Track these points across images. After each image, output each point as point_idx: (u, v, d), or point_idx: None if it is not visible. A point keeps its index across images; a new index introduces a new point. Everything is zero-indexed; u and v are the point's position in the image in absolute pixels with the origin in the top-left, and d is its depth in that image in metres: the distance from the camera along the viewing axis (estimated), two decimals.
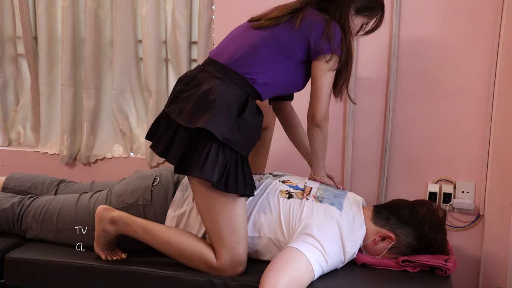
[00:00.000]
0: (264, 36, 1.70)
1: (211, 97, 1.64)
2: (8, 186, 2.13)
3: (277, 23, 1.71)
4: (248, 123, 1.67)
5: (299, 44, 1.69)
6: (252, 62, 1.69)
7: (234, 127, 1.63)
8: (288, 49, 1.70)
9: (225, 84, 1.67)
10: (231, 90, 1.67)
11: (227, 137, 1.61)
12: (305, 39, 1.68)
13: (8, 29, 2.73)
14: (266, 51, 1.69)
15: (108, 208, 1.76)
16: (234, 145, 1.63)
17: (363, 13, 1.77)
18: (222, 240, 1.65)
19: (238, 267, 1.66)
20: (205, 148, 1.61)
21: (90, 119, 2.60)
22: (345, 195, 1.86)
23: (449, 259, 1.74)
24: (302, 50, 1.70)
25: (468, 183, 2.20)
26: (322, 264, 1.60)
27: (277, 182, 1.86)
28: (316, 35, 1.67)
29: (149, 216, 1.83)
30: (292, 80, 1.77)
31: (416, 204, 1.83)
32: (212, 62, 1.73)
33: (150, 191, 1.86)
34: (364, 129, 2.29)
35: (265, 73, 1.69)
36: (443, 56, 2.17)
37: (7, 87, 2.79)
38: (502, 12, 2.07)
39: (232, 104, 1.65)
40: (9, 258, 1.79)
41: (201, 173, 1.60)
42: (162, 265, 1.73)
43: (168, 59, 2.55)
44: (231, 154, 1.64)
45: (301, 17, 1.69)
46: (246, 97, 1.68)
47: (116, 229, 1.73)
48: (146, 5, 2.44)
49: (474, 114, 2.17)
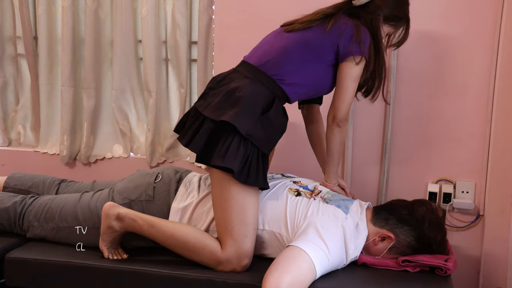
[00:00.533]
0: (295, 38, 1.79)
1: (238, 94, 1.72)
2: (9, 185, 2.13)
3: (309, 26, 1.79)
4: (272, 122, 1.74)
5: (329, 46, 1.76)
6: (282, 64, 1.77)
7: (258, 124, 1.70)
8: (318, 52, 1.77)
9: (253, 84, 1.75)
10: (258, 89, 1.74)
11: (250, 133, 1.68)
12: (335, 42, 1.76)
13: (8, 29, 2.73)
14: (296, 52, 1.77)
15: (114, 204, 1.77)
16: (256, 141, 1.69)
17: (389, 23, 1.84)
18: (230, 231, 1.68)
19: (244, 260, 1.68)
20: (227, 140, 1.68)
21: (90, 119, 2.60)
22: (353, 201, 1.86)
23: (449, 259, 1.74)
24: (331, 53, 1.77)
25: (468, 183, 2.20)
26: (324, 264, 1.60)
27: (288, 181, 1.89)
28: (345, 38, 1.75)
29: (152, 212, 1.84)
30: (320, 82, 1.82)
31: (415, 204, 1.83)
32: (244, 64, 1.83)
33: (152, 188, 1.87)
34: (364, 129, 2.29)
35: (294, 74, 1.77)
36: (443, 56, 2.17)
37: (7, 87, 2.79)
38: (502, 12, 2.07)
39: (258, 102, 1.72)
40: (9, 258, 1.79)
41: (223, 161, 1.66)
42: (162, 265, 1.73)
43: (168, 59, 2.55)
44: (252, 149, 1.69)
45: (333, 21, 1.77)
46: (272, 97, 1.75)
47: (122, 225, 1.75)
48: (146, 5, 2.44)
49: (474, 114, 2.17)
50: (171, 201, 1.85)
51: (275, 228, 1.74)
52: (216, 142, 1.70)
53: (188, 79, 2.51)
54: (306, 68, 1.78)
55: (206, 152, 1.72)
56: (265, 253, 1.78)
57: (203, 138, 1.72)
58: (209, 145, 1.71)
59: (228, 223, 1.68)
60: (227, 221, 1.69)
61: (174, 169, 1.98)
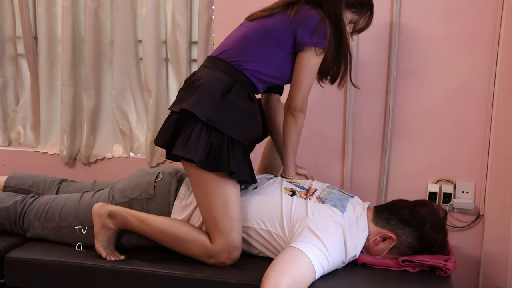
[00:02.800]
0: (255, 26, 1.79)
1: (197, 83, 1.74)
2: (10, 185, 2.13)
3: (270, 14, 1.78)
4: (233, 104, 1.71)
5: (289, 34, 1.75)
6: (241, 51, 1.76)
7: (218, 107, 1.68)
8: (278, 39, 1.75)
9: (212, 71, 1.76)
10: (217, 75, 1.74)
11: (211, 118, 1.66)
12: (294, 30, 1.74)
13: (8, 29, 2.73)
14: (256, 40, 1.76)
15: (104, 204, 1.80)
16: (219, 125, 1.67)
17: (352, 9, 1.83)
18: (216, 225, 1.69)
19: (233, 252, 1.70)
20: (189, 128, 1.68)
21: (90, 119, 2.60)
22: (349, 199, 1.86)
23: (449, 259, 1.74)
24: (290, 41, 1.75)
25: (468, 183, 2.20)
26: (323, 265, 1.60)
27: (284, 181, 1.89)
28: (306, 27, 1.73)
29: (152, 210, 1.84)
30: (280, 71, 1.81)
31: (416, 204, 1.83)
32: (208, 58, 1.84)
33: (153, 186, 1.87)
34: (364, 129, 2.29)
35: (253, 61, 1.75)
36: (443, 56, 2.17)
37: (7, 87, 2.79)
38: (502, 12, 2.07)
39: (217, 87, 1.71)
40: (9, 258, 1.79)
41: (185, 151, 1.66)
42: (162, 265, 1.73)
43: (168, 59, 2.55)
44: (216, 135, 1.68)
45: (296, 8, 1.75)
46: (233, 81, 1.73)
47: (115, 223, 1.76)
48: (146, 5, 2.44)
49: (474, 114, 2.17)
50: (172, 200, 1.85)
51: (272, 228, 1.74)
52: (179, 132, 1.71)
53: None
54: (265, 56, 1.76)
55: (172, 145, 1.72)
56: (261, 251, 1.78)
57: (168, 131, 1.73)
58: (175, 137, 1.72)
59: (213, 218, 1.70)
60: (212, 216, 1.70)
61: (175, 169, 1.98)
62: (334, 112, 2.31)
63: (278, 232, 1.73)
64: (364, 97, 2.27)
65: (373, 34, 2.21)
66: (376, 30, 2.20)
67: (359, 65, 2.25)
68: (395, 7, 2.17)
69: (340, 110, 2.30)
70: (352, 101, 2.27)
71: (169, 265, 1.72)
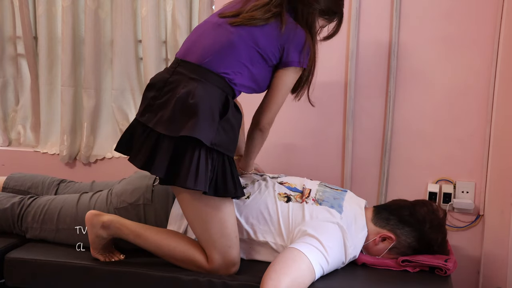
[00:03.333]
0: (242, 35, 1.63)
1: (191, 101, 1.56)
2: (9, 186, 2.12)
3: (257, 24, 1.64)
4: (232, 123, 1.63)
5: (276, 49, 1.66)
6: (229, 61, 1.62)
7: (219, 130, 1.58)
8: (265, 53, 1.65)
9: (203, 86, 1.59)
10: (210, 91, 1.59)
11: (214, 141, 1.56)
12: (282, 46, 1.66)
13: (8, 29, 2.73)
14: (244, 51, 1.63)
15: (97, 213, 1.73)
16: (222, 148, 1.59)
17: (324, 16, 1.76)
18: (214, 245, 1.65)
19: (231, 268, 1.67)
20: (193, 156, 1.55)
21: (90, 119, 2.60)
22: (344, 196, 1.85)
23: (449, 259, 1.74)
24: (277, 56, 1.67)
25: (468, 183, 2.20)
26: (323, 265, 1.60)
27: (275, 184, 1.85)
28: (292, 45, 1.65)
29: (150, 215, 1.83)
30: (261, 83, 1.73)
31: (416, 204, 1.83)
32: (183, 63, 1.65)
33: (150, 191, 1.86)
34: (364, 129, 2.29)
35: (242, 73, 1.64)
36: (443, 56, 2.17)
37: (7, 87, 2.79)
38: (502, 12, 2.07)
39: (214, 106, 1.58)
40: (9, 258, 1.78)
41: (196, 183, 1.54)
42: (162, 265, 1.72)
43: (168, 59, 2.55)
44: (218, 158, 1.59)
45: (284, 23, 1.64)
46: (225, 96, 1.62)
47: (109, 233, 1.72)
48: (146, 5, 2.44)
49: (474, 114, 2.16)
50: (170, 205, 1.84)
51: (269, 239, 1.74)
52: (181, 160, 1.56)
53: None
54: (252, 68, 1.65)
55: (170, 172, 1.57)
56: (259, 259, 1.78)
57: (165, 159, 1.56)
58: (173, 165, 1.57)
59: (210, 238, 1.64)
60: (209, 237, 1.65)
61: None
62: (334, 112, 2.31)
63: (277, 241, 1.73)
64: (364, 97, 2.27)
65: (373, 34, 2.22)
66: (376, 30, 2.21)
67: (359, 65, 2.25)
68: (395, 7, 2.17)
69: (340, 110, 2.30)
70: (352, 101, 2.26)
71: (169, 266, 1.72)
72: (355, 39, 2.22)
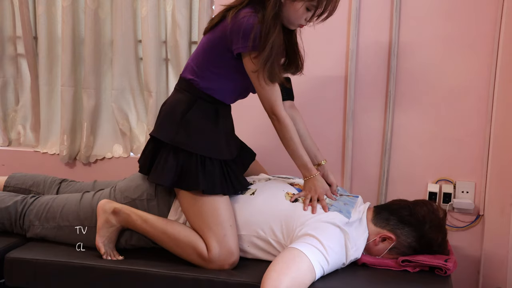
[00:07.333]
0: (203, 41, 1.78)
1: (162, 108, 1.85)
2: (10, 185, 2.13)
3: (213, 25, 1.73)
4: (193, 123, 1.74)
5: (224, 43, 1.69)
6: (193, 66, 1.78)
7: (180, 129, 1.74)
8: (218, 49, 1.71)
9: (175, 92, 1.83)
10: (178, 96, 1.80)
11: (175, 139, 1.73)
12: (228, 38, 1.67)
13: (8, 29, 2.73)
14: (203, 54, 1.75)
15: (110, 201, 1.83)
16: (184, 145, 1.73)
17: None
18: (209, 234, 1.71)
19: (230, 258, 1.71)
20: (160, 154, 1.77)
21: (90, 119, 2.60)
22: (354, 203, 1.85)
23: (449, 259, 1.74)
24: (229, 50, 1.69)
25: (468, 183, 2.20)
26: (323, 266, 1.60)
27: (285, 184, 1.87)
28: (235, 32, 1.65)
29: (153, 210, 1.85)
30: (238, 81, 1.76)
31: (416, 204, 1.83)
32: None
33: (154, 186, 1.87)
34: (364, 129, 2.29)
35: (204, 76, 1.75)
36: (443, 56, 2.17)
37: (7, 87, 2.79)
38: (502, 12, 2.07)
39: (177, 109, 1.76)
40: (9, 258, 1.79)
41: (154, 178, 1.77)
42: (162, 265, 1.73)
43: (168, 59, 2.55)
44: (184, 155, 1.73)
45: (229, 17, 1.66)
46: (193, 100, 1.76)
47: (118, 220, 1.78)
48: (146, 5, 2.44)
49: (474, 114, 2.17)
50: (171, 201, 1.85)
51: (270, 236, 1.74)
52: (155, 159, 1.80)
53: None
54: (214, 68, 1.73)
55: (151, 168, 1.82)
56: (259, 256, 1.78)
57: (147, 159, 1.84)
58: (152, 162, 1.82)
59: (205, 228, 1.72)
60: (204, 227, 1.72)
61: None
62: (334, 112, 2.31)
63: (278, 239, 1.73)
64: (364, 97, 2.27)
65: (373, 34, 2.22)
66: (376, 30, 2.21)
67: (359, 65, 2.26)
68: (395, 7, 2.17)
69: (340, 110, 2.30)
70: (352, 101, 2.27)
71: (169, 265, 1.72)
72: (355, 39, 2.22)
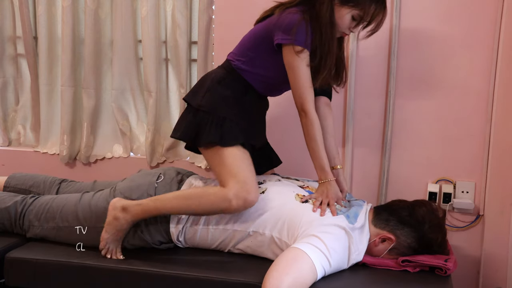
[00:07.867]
0: (250, 31, 1.88)
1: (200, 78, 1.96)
2: (10, 185, 2.14)
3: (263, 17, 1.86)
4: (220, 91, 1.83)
5: (266, 33, 1.79)
6: (234, 50, 1.90)
7: (206, 94, 1.83)
8: (260, 37, 1.81)
9: (216, 69, 1.93)
10: (215, 70, 1.91)
11: (200, 103, 1.82)
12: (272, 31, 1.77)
13: (8, 29, 2.72)
14: (245, 40, 1.87)
15: (121, 199, 1.83)
16: (205, 107, 1.80)
17: (348, 4, 1.73)
18: (230, 176, 1.72)
19: (250, 193, 1.70)
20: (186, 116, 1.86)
21: (90, 119, 2.60)
22: (361, 209, 1.84)
23: (449, 259, 1.74)
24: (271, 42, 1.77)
25: (468, 183, 2.20)
26: (325, 267, 1.60)
27: (296, 186, 1.88)
28: (278, 25, 1.75)
29: None
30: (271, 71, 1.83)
31: (415, 205, 1.83)
32: None
33: (154, 187, 1.87)
34: (364, 129, 2.29)
35: (239, 59, 1.85)
36: (443, 55, 2.17)
37: (7, 87, 2.79)
38: (502, 12, 2.07)
39: (210, 79, 1.86)
40: (9, 258, 1.79)
41: (174, 134, 1.87)
42: (162, 265, 1.73)
43: (168, 59, 2.55)
44: (203, 115, 1.80)
45: (279, 11, 1.78)
46: (225, 75, 1.85)
47: (127, 217, 1.78)
48: (146, 5, 2.44)
49: (474, 114, 2.17)
50: None
51: (275, 234, 1.74)
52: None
53: (188, 79, 2.50)
54: (257, 59, 1.82)
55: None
56: (263, 254, 1.78)
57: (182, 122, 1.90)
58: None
59: (228, 173, 1.73)
60: (226, 172, 1.74)
61: (176, 170, 1.99)
62: (334, 112, 2.29)
63: (282, 238, 1.73)
64: (364, 97, 2.27)
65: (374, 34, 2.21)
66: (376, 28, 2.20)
67: (359, 65, 2.25)
68: (395, 7, 2.17)
69: (340, 110, 2.30)
70: (352, 101, 2.27)
71: (169, 265, 1.72)
72: (355, 39, 2.22)
